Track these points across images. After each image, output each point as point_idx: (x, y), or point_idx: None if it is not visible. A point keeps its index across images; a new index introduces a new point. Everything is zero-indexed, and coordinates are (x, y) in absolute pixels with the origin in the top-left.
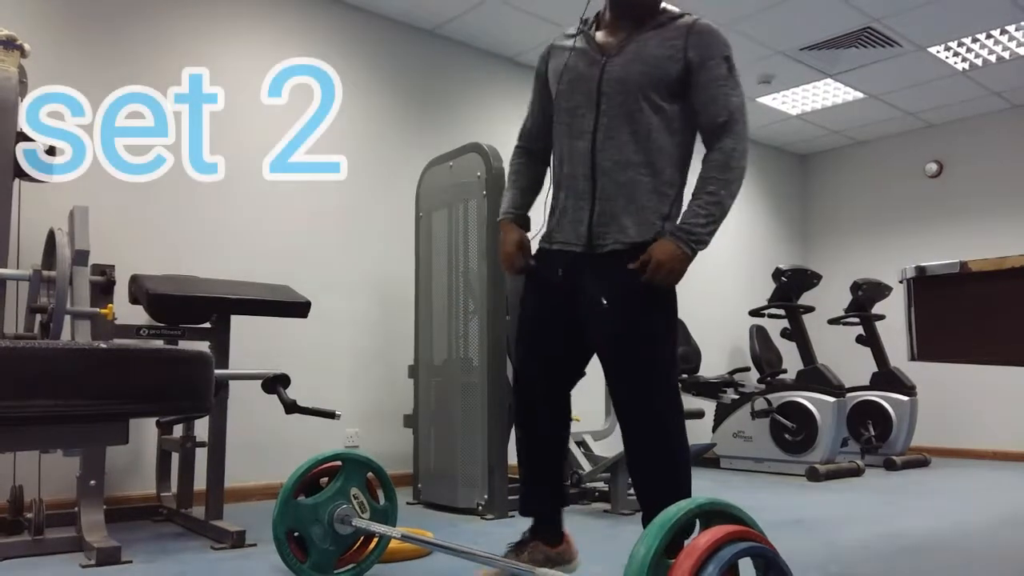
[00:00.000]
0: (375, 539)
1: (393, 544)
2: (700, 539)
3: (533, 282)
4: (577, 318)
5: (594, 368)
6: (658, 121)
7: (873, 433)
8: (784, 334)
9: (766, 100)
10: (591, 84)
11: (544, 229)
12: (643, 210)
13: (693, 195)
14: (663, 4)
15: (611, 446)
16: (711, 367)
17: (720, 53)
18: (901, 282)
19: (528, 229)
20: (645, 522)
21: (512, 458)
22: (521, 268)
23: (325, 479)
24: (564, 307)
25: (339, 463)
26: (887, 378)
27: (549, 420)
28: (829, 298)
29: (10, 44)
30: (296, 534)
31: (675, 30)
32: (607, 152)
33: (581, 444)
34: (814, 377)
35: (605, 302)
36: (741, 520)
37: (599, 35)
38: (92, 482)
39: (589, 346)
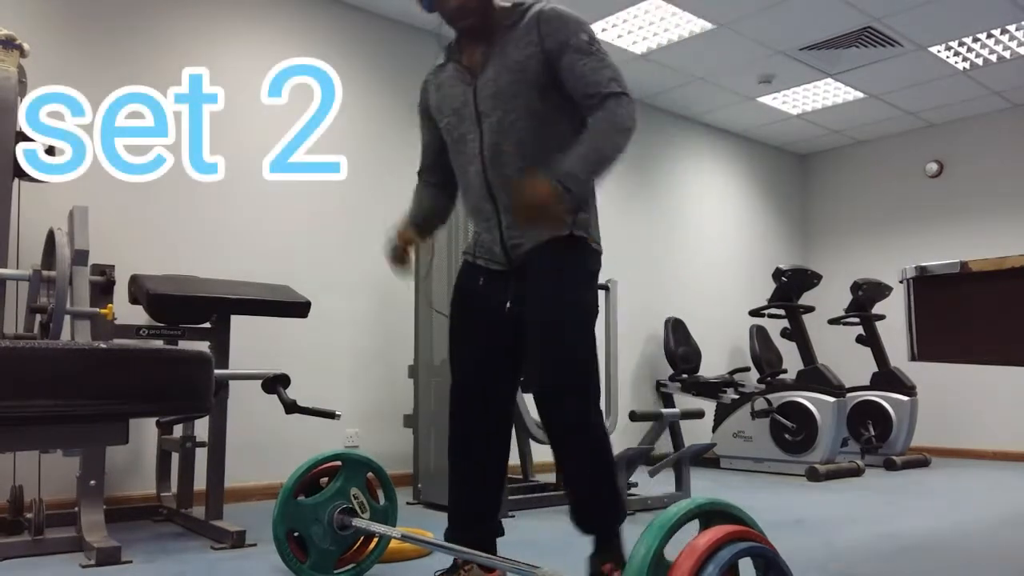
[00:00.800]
0: (375, 539)
1: (393, 544)
2: (700, 539)
3: (458, 292)
4: (499, 321)
5: None
6: (540, 123)
7: (873, 433)
8: (784, 334)
9: (766, 100)
10: (469, 108)
11: (468, 243)
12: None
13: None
14: (503, 4)
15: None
16: (711, 367)
17: (574, 31)
18: (901, 282)
19: (425, 233)
20: (576, 513)
21: (513, 458)
22: (402, 262)
23: (325, 479)
24: (486, 311)
25: (339, 463)
26: (887, 378)
27: (495, 439)
28: (829, 298)
29: (10, 44)
30: (296, 534)
31: (526, 27)
32: (497, 169)
33: None
34: (814, 377)
35: (508, 305)
36: (741, 520)
37: (464, 57)
38: (92, 482)
39: (513, 347)
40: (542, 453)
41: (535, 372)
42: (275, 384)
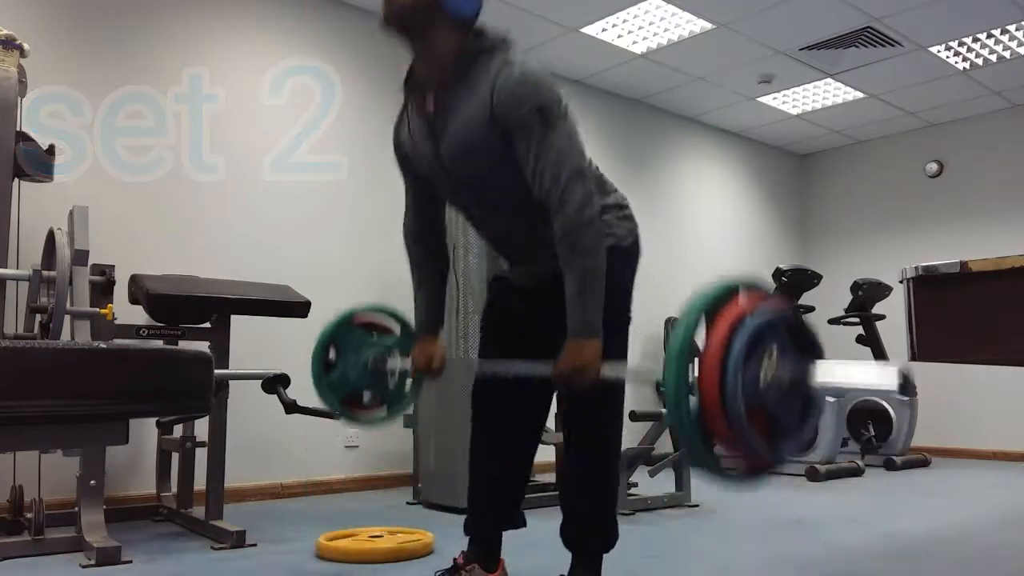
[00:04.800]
0: (383, 407)
1: (393, 544)
2: (729, 311)
3: (491, 304)
4: (529, 332)
5: None
6: (516, 178)
7: (873, 433)
8: None
9: (766, 100)
10: (442, 173)
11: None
12: (544, 261)
13: (562, 269)
14: (456, 33)
15: None
16: None
17: (530, 107)
18: (901, 282)
19: (442, 324)
20: (567, 529)
21: None
22: (437, 377)
23: (379, 329)
24: (518, 323)
25: (398, 329)
26: None
27: (516, 438)
28: (829, 298)
29: (10, 44)
30: (332, 354)
31: (484, 85)
32: (489, 225)
33: None
34: None
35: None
36: (764, 291)
37: (424, 100)
38: (92, 482)
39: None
40: (543, 453)
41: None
42: (275, 384)
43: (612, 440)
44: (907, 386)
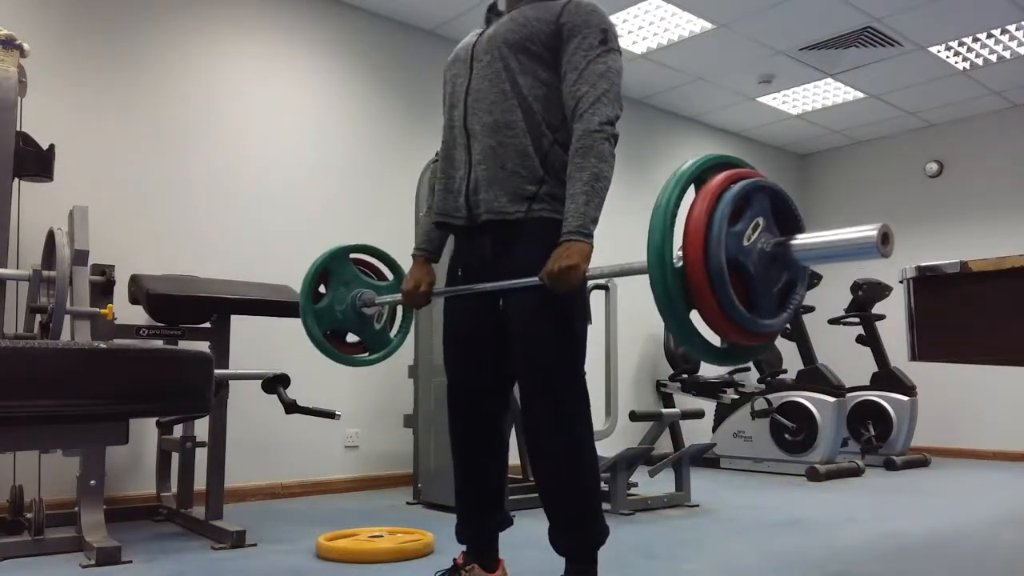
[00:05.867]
0: (365, 353)
1: (393, 544)
2: (720, 173)
3: (451, 304)
4: (486, 322)
5: (591, 367)
6: (532, 85)
7: (873, 433)
8: (784, 334)
9: (766, 100)
10: (468, 50)
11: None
12: (513, 176)
13: (567, 177)
14: None
15: (611, 446)
16: (711, 367)
17: (596, 24)
18: (901, 282)
19: (438, 257)
20: (552, 532)
21: (514, 457)
22: (421, 304)
23: (372, 274)
24: (475, 311)
25: (391, 277)
26: (887, 378)
27: (480, 424)
28: (829, 298)
29: (10, 44)
30: (322, 285)
31: (552, 5)
32: (477, 115)
33: None
34: (814, 377)
35: (502, 304)
36: (753, 169)
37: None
38: (92, 482)
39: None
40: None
41: (523, 375)
42: (275, 384)
43: (580, 430)
44: (888, 238)
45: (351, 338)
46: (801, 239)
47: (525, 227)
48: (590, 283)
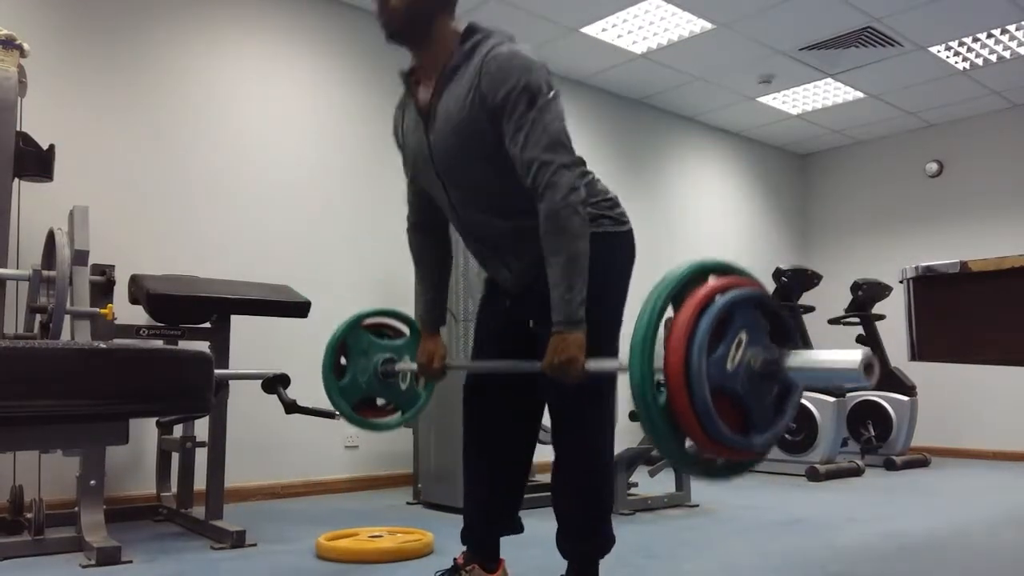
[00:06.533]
0: (396, 412)
1: (393, 544)
2: (696, 292)
3: (484, 306)
4: (521, 333)
5: None
6: (503, 178)
7: (873, 433)
8: None
9: (766, 100)
10: (428, 163)
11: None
12: (531, 260)
13: (545, 258)
14: (453, 29)
15: None
16: None
17: (516, 86)
18: (901, 282)
19: (444, 323)
20: (560, 535)
21: None
22: (438, 379)
23: (389, 332)
24: (509, 323)
25: (408, 331)
26: (887, 378)
27: (504, 438)
28: (829, 298)
29: (10, 44)
30: (343, 357)
31: (471, 75)
32: (473, 226)
33: None
34: None
35: (533, 324)
36: (737, 273)
37: (418, 93)
38: (92, 482)
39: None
40: (543, 453)
41: (550, 396)
42: (275, 384)
43: (601, 445)
44: (871, 369)
45: (380, 401)
46: (790, 361)
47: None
48: None
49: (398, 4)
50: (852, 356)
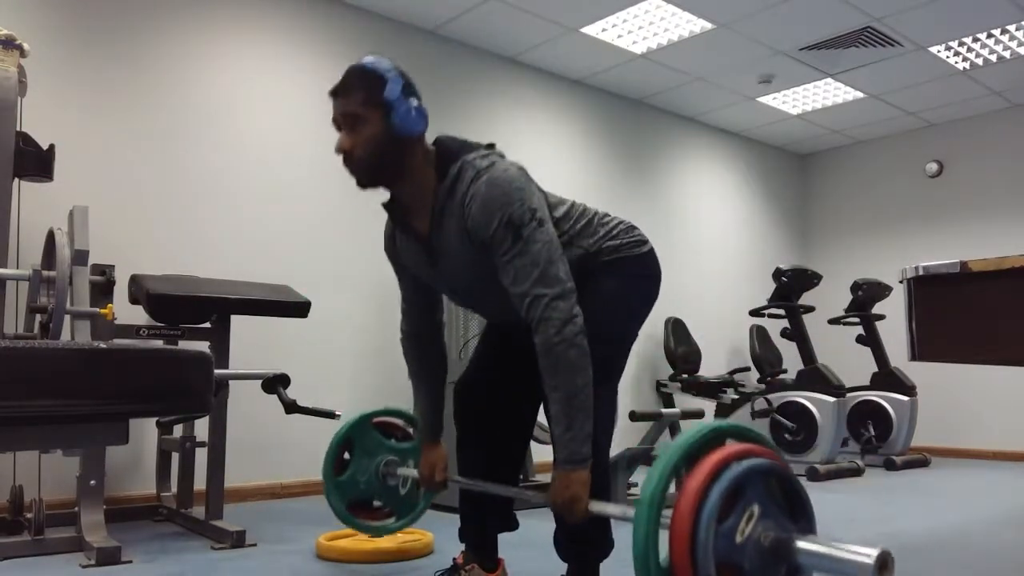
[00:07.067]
0: (390, 517)
1: (393, 544)
2: (711, 456)
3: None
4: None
5: None
6: (498, 288)
7: (873, 433)
8: (784, 334)
9: (766, 100)
10: (443, 286)
11: None
12: None
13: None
14: (426, 160)
15: (611, 446)
16: (711, 367)
17: (499, 220)
18: (901, 282)
19: (442, 431)
20: (558, 536)
21: None
22: (440, 491)
23: (398, 433)
24: (517, 329)
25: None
26: (887, 378)
27: (495, 433)
28: (829, 298)
29: (10, 44)
30: (347, 453)
31: (457, 213)
32: (491, 315)
33: None
34: (814, 377)
35: None
36: (756, 440)
37: (411, 222)
38: (92, 482)
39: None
40: (543, 453)
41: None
42: (275, 384)
43: (601, 443)
44: (887, 568)
45: (377, 503)
46: (801, 545)
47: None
48: None
49: (362, 154)
50: (866, 556)
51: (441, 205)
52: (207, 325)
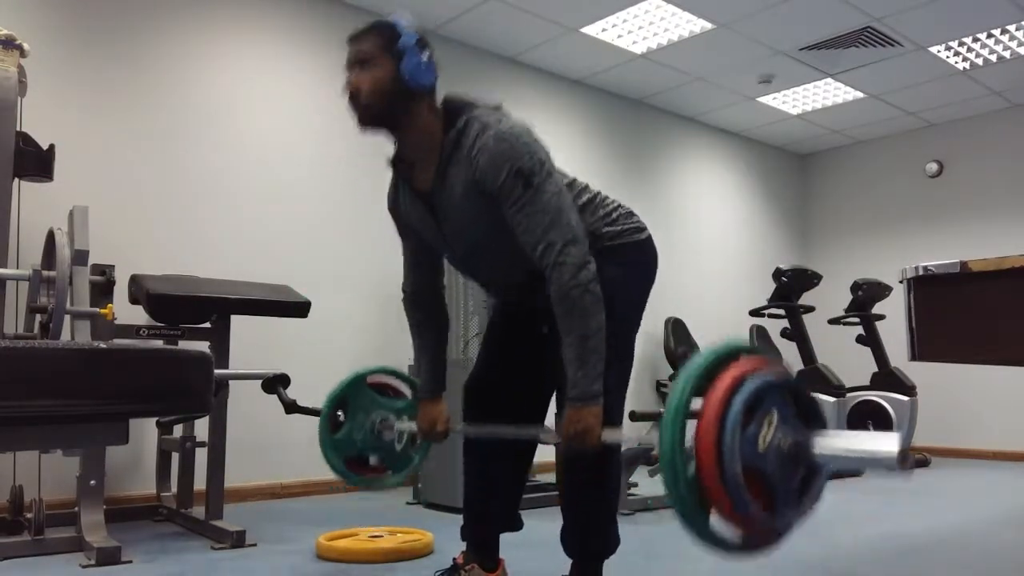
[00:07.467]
0: (387, 473)
1: (393, 544)
2: (730, 370)
3: (499, 309)
4: (532, 335)
5: None
6: (509, 239)
7: None
8: (784, 334)
9: (766, 100)
10: (440, 241)
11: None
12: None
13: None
14: (432, 112)
15: None
16: None
17: (509, 171)
18: (901, 282)
19: (445, 388)
20: (565, 532)
21: None
22: (440, 441)
23: (390, 391)
24: (522, 324)
25: (409, 392)
26: (887, 378)
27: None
28: (829, 298)
29: (10, 44)
30: (340, 412)
31: (464, 164)
32: (492, 281)
33: None
34: (814, 377)
35: (546, 330)
36: (768, 357)
37: (414, 178)
38: (92, 482)
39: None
40: (543, 453)
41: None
42: (275, 384)
43: (608, 445)
44: (907, 457)
45: (373, 459)
46: (820, 444)
47: None
48: None
49: (368, 95)
50: (888, 445)
51: (447, 157)
52: (207, 325)
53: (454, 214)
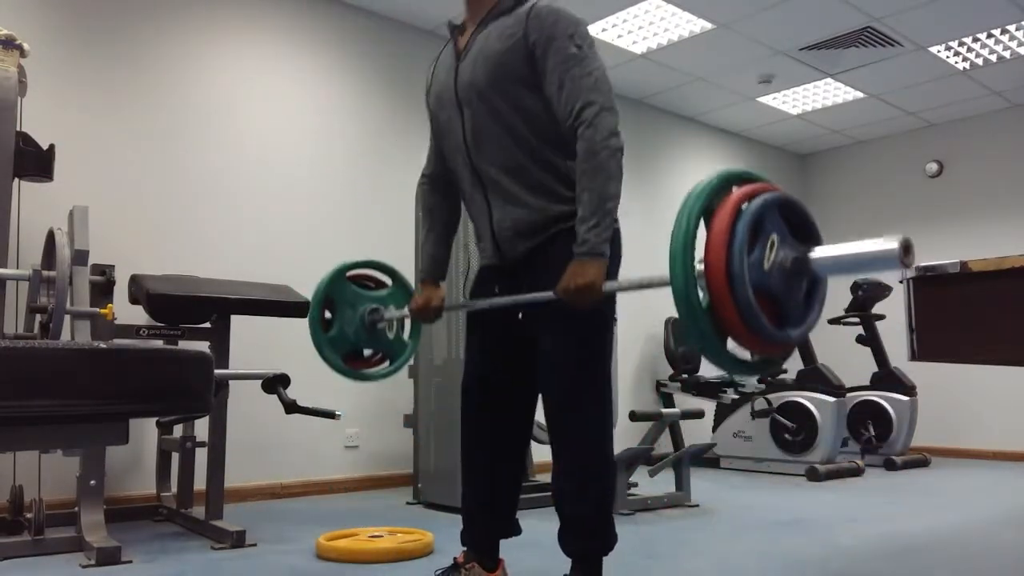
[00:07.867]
0: (385, 362)
1: (393, 544)
2: (728, 199)
3: (474, 295)
4: (511, 323)
5: None
6: (524, 117)
7: (873, 433)
8: None
9: (766, 100)
10: (451, 93)
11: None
12: (536, 212)
13: (577, 195)
14: None
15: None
16: (711, 367)
17: (564, 32)
18: (901, 282)
19: (444, 278)
20: (562, 532)
21: None
22: (433, 320)
23: (371, 284)
24: (501, 312)
25: (390, 282)
26: (887, 378)
27: (503, 431)
28: (829, 298)
29: (10, 44)
30: (328, 313)
31: (516, 18)
32: (482, 161)
33: None
34: (814, 377)
35: (520, 316)
36: (759, 179)
37: (460, 38)
38: (92, 482)
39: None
40: (542, 453)
41: (549, 392)
42: (275, 384)
43: (603, 439)
44: (910, 249)
45: (367, 352)
46: (820, 254)
47: (553, 246)
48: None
49: None
50: (889, 243)
51: (501, 10)
52: (207, 325)
53: (474, 60)
